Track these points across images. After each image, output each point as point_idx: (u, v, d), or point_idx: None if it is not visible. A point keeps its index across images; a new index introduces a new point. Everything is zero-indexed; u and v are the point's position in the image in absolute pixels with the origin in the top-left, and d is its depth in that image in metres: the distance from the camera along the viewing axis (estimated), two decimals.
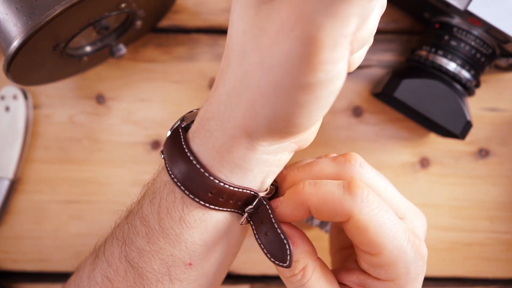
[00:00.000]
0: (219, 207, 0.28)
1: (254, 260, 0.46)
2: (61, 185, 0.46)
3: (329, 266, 0.33)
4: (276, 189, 0.30)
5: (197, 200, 0.27)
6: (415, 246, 0.27)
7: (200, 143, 0.27)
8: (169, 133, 0.29)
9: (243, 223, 0.29)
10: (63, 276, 0.46)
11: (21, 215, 0.46)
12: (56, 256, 0.46)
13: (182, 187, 0.27)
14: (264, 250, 0.28)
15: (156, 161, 0.46)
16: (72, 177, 0.46)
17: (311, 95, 0.23)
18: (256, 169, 0.27)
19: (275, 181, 0.30)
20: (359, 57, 0.27)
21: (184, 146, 0.27)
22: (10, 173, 0.45)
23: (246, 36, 0.24)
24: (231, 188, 0.27)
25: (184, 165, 0.27)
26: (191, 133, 0.28)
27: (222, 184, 0.27)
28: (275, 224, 0.28)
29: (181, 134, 0.28)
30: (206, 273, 0.30)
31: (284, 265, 0.27)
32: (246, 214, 0.29)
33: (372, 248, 0.27)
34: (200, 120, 0.28)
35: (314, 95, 0.24)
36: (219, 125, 0.26)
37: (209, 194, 0.27)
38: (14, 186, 0.46)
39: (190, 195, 0.27)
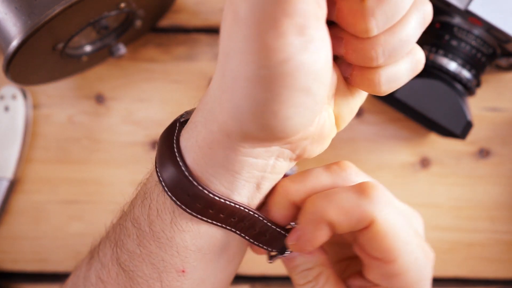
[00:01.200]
0: (208, 219, 0.26)
1: (254, 260, 0.46)
2: (61, 185, 0.46)
3: None
4: None
5: (184, 208, 0.25)
6: (424, 250, 0.27)
7: (187, 137, 0.25)
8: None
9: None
10: (62, 277, 0.46)
11: (20, 215, 0.46)
12: (55, 257, 0.46)
13: (169, 193, 0.25)
14: (265, 247, 0.28)
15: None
16: (71, 177, 0.46)
17: (266, 89, 0.21)
18: (245, 172, 0.25)
19: None
20: (388, 75, 0.23)
21: (175, 145, 0.25)
22: (9, 173, 0.45)
23: (222, 23, 0.22)
24: (216, 198, 0.25)
25: (172, 168, 0.25)
26: (184, 128, 0.26)
27: (212, 195, 0.25)
28: (271, 225, 0.27)
29: (176, 129, 0.26)
30: (203, 283, 0.28)
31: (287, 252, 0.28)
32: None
33: (388, 254, 0.25)
34: (193, 113, 0.26)
35: (269, 89, 0.21)
36: (203, 117, 0.24)
37: (197, 205, 0.25)
38: (13, 186, 0.46)
39: (178, 202, 0.25)
